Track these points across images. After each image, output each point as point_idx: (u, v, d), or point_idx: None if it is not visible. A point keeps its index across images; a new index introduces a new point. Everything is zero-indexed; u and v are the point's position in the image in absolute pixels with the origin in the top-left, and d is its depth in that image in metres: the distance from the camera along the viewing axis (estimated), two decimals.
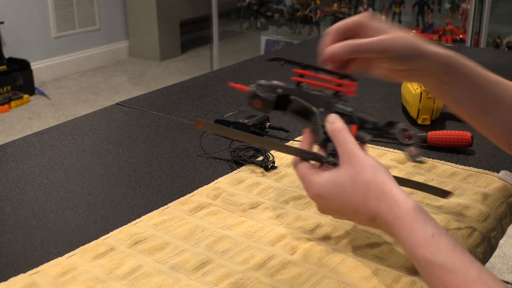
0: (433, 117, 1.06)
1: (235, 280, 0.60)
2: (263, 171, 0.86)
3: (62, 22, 4.29)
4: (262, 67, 1.50)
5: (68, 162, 0.91)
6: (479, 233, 0.70)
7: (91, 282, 0.60)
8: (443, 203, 0.76)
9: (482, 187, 0.81)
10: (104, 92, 4.03)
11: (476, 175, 0.84)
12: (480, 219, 0.73)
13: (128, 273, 0.62)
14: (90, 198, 0.79)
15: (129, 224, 0.71)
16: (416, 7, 3.33)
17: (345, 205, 0.61)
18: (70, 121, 1.09)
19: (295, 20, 3.67)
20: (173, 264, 0.63)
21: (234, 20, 4.12)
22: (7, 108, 3.59)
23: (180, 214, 0.74)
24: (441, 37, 3.12)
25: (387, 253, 0.65)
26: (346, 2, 3.56)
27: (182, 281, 0.60)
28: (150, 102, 1.21)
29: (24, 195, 0.80)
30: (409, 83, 1.10)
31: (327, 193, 0.62)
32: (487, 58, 1.57)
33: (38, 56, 4.16)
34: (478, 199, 0.77)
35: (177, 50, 4.97)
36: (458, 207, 0.75)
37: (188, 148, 0.96)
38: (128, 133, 1.04)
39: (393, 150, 0.94)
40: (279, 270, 0.62)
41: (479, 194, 0.78)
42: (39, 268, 0.62)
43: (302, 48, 1.73)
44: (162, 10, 4.69)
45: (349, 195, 0.60)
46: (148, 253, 0.65)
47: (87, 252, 0.65)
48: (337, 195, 0.61)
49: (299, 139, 0.97)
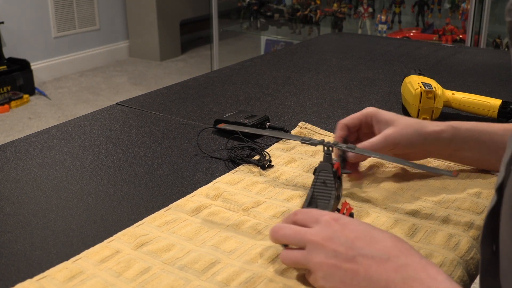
0: (433, 117, 1.06)
1: (245, 279, 0.60)
2: (260, 170, 0.86)
3: (62, 22, 4.30)
4: (262, 67, 1.50)
5: (68, 162, 0.91)
6: (478, 225, 0.71)
7: (101, 285, 0.60)
8: (441, 198, 0.77)
9: (481, 184, 0.81)
10: (104, 92, 4.03)
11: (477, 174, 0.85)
12: (478, 211, 0.74)
13: (137, 275, 0.61)
14: (90, 198, 0.79)
15: (132, 226, 0.71)
16: (416, 7, 3.33)
17: (368, 233, 0.57)
18: (70, 121, 1.09)
19: (295, 20, 3.67)
20: (182, 265, 0.63)
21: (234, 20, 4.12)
22: (7, 108, 3.59)
23: (182, 215, 0.74)
24: (441, 37, 3.12)
25: None
26: (346, 2, 3.56)
27: (193, 282, 0.60)
28: (150, 102, 1.21)
29: (24, 195, 0.80)
30: (409, 83, 1.10)
31: (347, 219, 0.59)
32: (487, 58, 1.58)
33: (38, 56, 4.16)
34: (475, 194, 0.78)
35: (177, 50, 4.97)
36: (456, 202, 0.76)
37: (187, 148, 0.96)
38: (128, 133, 1.04)
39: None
40: (290, 268, 0.62)
41: (479, 190, 0.79)
42: (46, 273, 0.62)
43: (302, 48, 1.73)
44: (162, 10, 4.70)
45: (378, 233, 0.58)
46: (155, 254, 0.65)
47: (93, 256, 0.65)
48: (360, 223, 0.59)
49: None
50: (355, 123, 0.82)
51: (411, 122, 0.79)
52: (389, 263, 0.54)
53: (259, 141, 0.99)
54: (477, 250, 0.67)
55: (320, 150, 0.93)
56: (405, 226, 0.71)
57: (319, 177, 0.69)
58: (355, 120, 0.82)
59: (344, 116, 0.85)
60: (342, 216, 0.60)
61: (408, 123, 0.79)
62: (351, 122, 0.82)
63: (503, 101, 1.06)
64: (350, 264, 0.55)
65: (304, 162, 0.89)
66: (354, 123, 0.82)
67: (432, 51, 1.66)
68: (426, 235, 0.69)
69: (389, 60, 1.56)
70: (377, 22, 3.41)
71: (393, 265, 0.54)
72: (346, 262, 0.55)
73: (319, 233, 0.58)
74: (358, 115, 0.82)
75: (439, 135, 0.78)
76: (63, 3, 4.27)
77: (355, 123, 0.82)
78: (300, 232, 0.59)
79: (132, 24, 4.82)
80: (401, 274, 0.53)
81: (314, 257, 0.57)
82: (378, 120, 0.81)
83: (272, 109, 1.16)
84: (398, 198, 0.78)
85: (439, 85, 1.08)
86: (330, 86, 1.32)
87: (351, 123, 0.82)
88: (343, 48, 1.73)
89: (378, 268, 0.54)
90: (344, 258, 0.55)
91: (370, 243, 0.56)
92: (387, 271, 0.53)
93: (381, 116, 0.80)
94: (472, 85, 1.31)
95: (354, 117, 0.82)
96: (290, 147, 0.95)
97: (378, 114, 0.81)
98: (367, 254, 0.55)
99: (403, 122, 0.79)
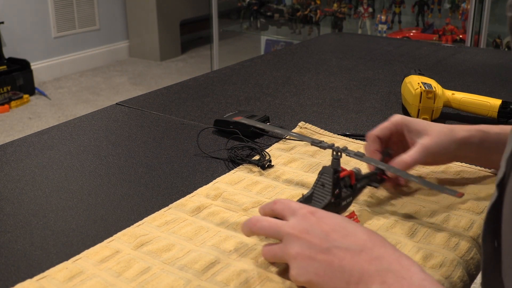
0: (433, 117, 1.06)
1: (245, 279, 0.60)
2: (260, 170, 0.86)
3: (62, 22, 4.30)
4: (262, 67, 1.50)
5: (68, 162, 0.91)
6: (478, 224, 0.71)
7: (101, 285, 0.60)
8: (441, 198, 0.77)
9: (482, 184, 0.81)
10: (104, 92, 4.03)
11: (477, 174, 0.85)
12: (479, 211, 0.74)
13: (137, 275, 0.61)
14: (90, 198, 0.79)
15: (132, 226, 0.71)
16: (416, 7, 3.33)
17: (343, 226, 0.58)
18: (70, 121, 1.09)
19: (295, 20, 3.67)
20: (182, 265, 0.63)
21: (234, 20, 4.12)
22: (7, 108, 3.59)
23: (182, 215, 0.74)
24: (441, 37, 3.12)
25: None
26: (346, 2, 3.56)
27: (193, 282, 0.60)
28: (150, 102, 1.21)
29: (24, 195, 0.80)
30: (409, 83, 1.10)
31: (324, 213, 0.60)
32: (487, 58, 1.58)
33: (38, 56, 4.16)
34: (475, 194, 0.79)
35: (177, 50, 4.97)
36: (456, 202, 0.76)
37: (187, 148, 0.96)
38: (128, 133, 1.04)
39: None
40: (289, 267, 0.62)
41: (479, 190, 0.79)
42: (45, 273, 0.62)
43: (302, 48, 1.73)
44: (162, 10, 4.70)
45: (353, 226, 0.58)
46: (155, 254, 0.65)
47: (93, 256, 0.65)
48: (337, 217, 0.59)
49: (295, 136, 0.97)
50: (386, 134, 0.80)
51: (442, 129, 0.78)
52: (363, 254, 0.55)
53: (259, 141, 0.99)
54: (477, 250, 0.67)
55: (320, 150, 0.93)
56: (405, 226, 0.71)
57: (320, 179, 0.69)
58: (385, 130, 0.80)
59: (344, 116, 0.85)
60: (319, 210, 0.60)
61: (440, 130, 0.78)
62: (382, 133, 0.80)
63: (503, 101, 1.06)
64: (325, 255, 0.55)
65: (304, 162, 0.89)
66: (385, 133, 0.80)
67: (432, 51, 1.66)
68: (426, 235, 0.69)
69: (389, 60, 1.56)
70: (377, 22, 3.41)
71: (367, 257, 0.54)
72: (320, 254, 0.56)
73: (295, 226, 0.58)
74: (387, 125, 0.80)
75: (469, 140, 0.78)
76: (63, 3, 4.27)
77: (386, 134, 0.80)
78: (277, 224, 0.60)
79: (132, 24, 4.82)
80: (375, 265, 0.54)
81: (290, 249, 0.58)
82: (409, 130, 0.79)
83: (272, 109, 1.16)
84: (398, 198, 0.78)
85: (439, 85, 1.08)
86: (330, 86, 1.32)
87: (382, 134, 0.80)
88: (343, 48, 1.73)
89: (352, 260, 0.54)
90: (319, 250, 0.56)
91: (345, 235, 0.57)
92: (361, 262, 0.54)
93: (412, 126, 0.79)
94: (472, 85, 1.31)
95: (384, 127, 0.80)
96: (290, 147, 0.95)
97: (409, 123, 0.79)
98: (341, 246, 0.55)
99: (435, 130, 0.78)
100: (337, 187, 0.68)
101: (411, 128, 0.79)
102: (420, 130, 0.78)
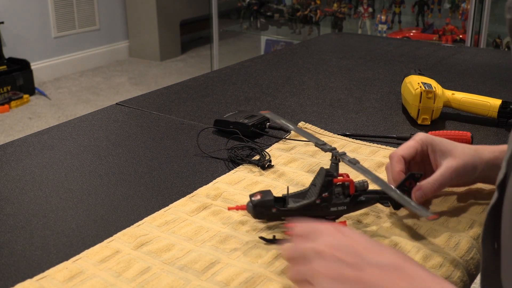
0: (433, 117, 1.06)
1: (245, 279, 0.60)
2: (260, 170, 0.86)
3: (62, 22, 4.29)
4: (262, 67, 1.50)
5: (68, 162, 0.91)
6: (478, 224, 0.72)
7: (101, 285, 0.60)
8: (441, 198, 0.77)
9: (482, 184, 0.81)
10: (104, 92, 4.03)
11: None
12: (479, 211, 0.75)
13: (137, 275, 0.61)
14: (90, 198, 0.79)
15: (132, 226, 0.71)
16: (416, 7, 3.33)
17: (373, 244, 0.56)
18: (70, 121, 1.09)
19: (295, 20, 3.67)
20: (182, 265, 0.63)
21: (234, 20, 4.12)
22: (7, 108, 3.59)
23: (182, 215, 0.74)
24: (441, 37, 3.12)
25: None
26: (346, 2, 3.56)
27: (193, 282, 0.60)
28: (150, 102, 1.21)
29: (24, 195, 0.80)
30: (409, 83, 1.10)
31: (347, 229, 0.57)
32: (487, 58, 1.58)
33: (38, 56, 4.16)
34: (475, 194, 0.79)
35: (177, 50, 4.97)
36: (456, 202, 0.77)
37: (187, 148, 0.96)
38: (128, 133, 1.04)
39: (385, 147, 0.94)
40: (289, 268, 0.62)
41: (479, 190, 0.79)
42: (45, 273, 0.62)
43: (302, 48, 1.73)
44: (162, 10, 4.69)
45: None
46: (155, 254, 0.65)
47: (93, 256, 0.65)
48: (360, 234, 0.57)
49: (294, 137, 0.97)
50: (411, 153, 0.77)
51: (467, 150, 0.76)
52: (396, 272, 0.53)
53: (259, 141, 0.99)
54: (477, 250, 0.67)
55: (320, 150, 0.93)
56: (405, 226, 0.71)
57: (314, 179, 0.69)
58: (411, 150, 0.77)
59: (344, 116, 0.85)
60: (340, 226, 0.58)
61: (465, 152, 0.75)
62: (407, 152, 0.77)
63: (503, 101, 1.06)
64: (357, 272, 0.53)
65: (304, 162, 0.89)
66: (410, 153, 0.77)
67: (432, 51, 1.66)
68: (426, 235, 0.69)
69: (389, 60, 1.56)
70: (377, 22, 3.41)
71: (400, 274, 0.53)
72: (352, 271, 0.53)
73: (324, 243, 0.56)
74: (413, 144, 0.77)
75: (494, 162, 0.75)
76: (63, 3, 4.27)
77: (412, 153, 0.77)
78: (305, 247, 0.57)
79: (132, 24, 4.82)
80: (409, 283, 0.52)
81: (319, 267, 0.55)
82: (433, 150, 0.76)
83: (272, 109, 1.16)
84: None
85: (439, 85, 1.08)
86: (330, 86, 1.32)
87: (407, 153, 0.77)
88: (343, 48, 1.73)
89: (384, 277, 0.53)
90: (350, 267, 0.54)
91: (377, 253, 0.55)
92: (394, 280, 0.52)
93: (436, 146, 0.76)
94: (472, 85, 1.31)
95: (409, 146, 0.77)
96: (290, 147, 0.95)
97: (433, 142, 0.77)
98: (374, 263, 0.53)
99: (460, 151, 0.75)
100: (327, 190, 0.67)
101: (436, 148, 0.76)
102: (445, 151, 0.75)
